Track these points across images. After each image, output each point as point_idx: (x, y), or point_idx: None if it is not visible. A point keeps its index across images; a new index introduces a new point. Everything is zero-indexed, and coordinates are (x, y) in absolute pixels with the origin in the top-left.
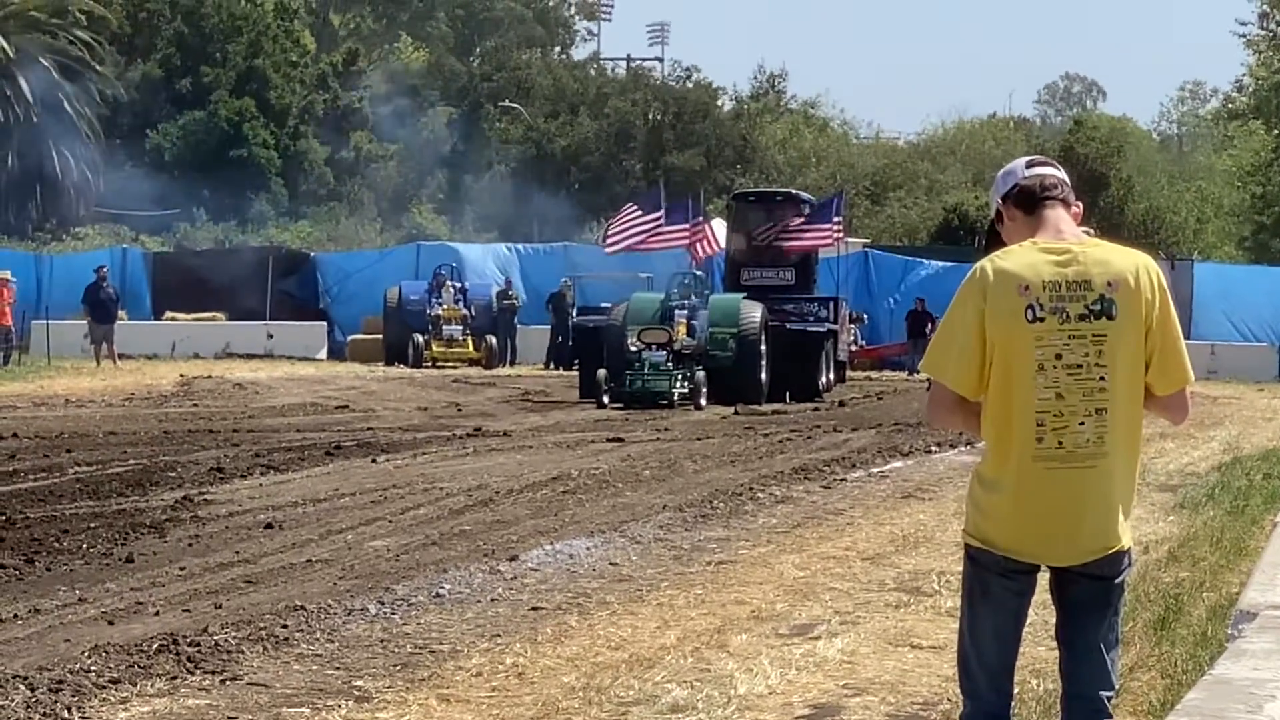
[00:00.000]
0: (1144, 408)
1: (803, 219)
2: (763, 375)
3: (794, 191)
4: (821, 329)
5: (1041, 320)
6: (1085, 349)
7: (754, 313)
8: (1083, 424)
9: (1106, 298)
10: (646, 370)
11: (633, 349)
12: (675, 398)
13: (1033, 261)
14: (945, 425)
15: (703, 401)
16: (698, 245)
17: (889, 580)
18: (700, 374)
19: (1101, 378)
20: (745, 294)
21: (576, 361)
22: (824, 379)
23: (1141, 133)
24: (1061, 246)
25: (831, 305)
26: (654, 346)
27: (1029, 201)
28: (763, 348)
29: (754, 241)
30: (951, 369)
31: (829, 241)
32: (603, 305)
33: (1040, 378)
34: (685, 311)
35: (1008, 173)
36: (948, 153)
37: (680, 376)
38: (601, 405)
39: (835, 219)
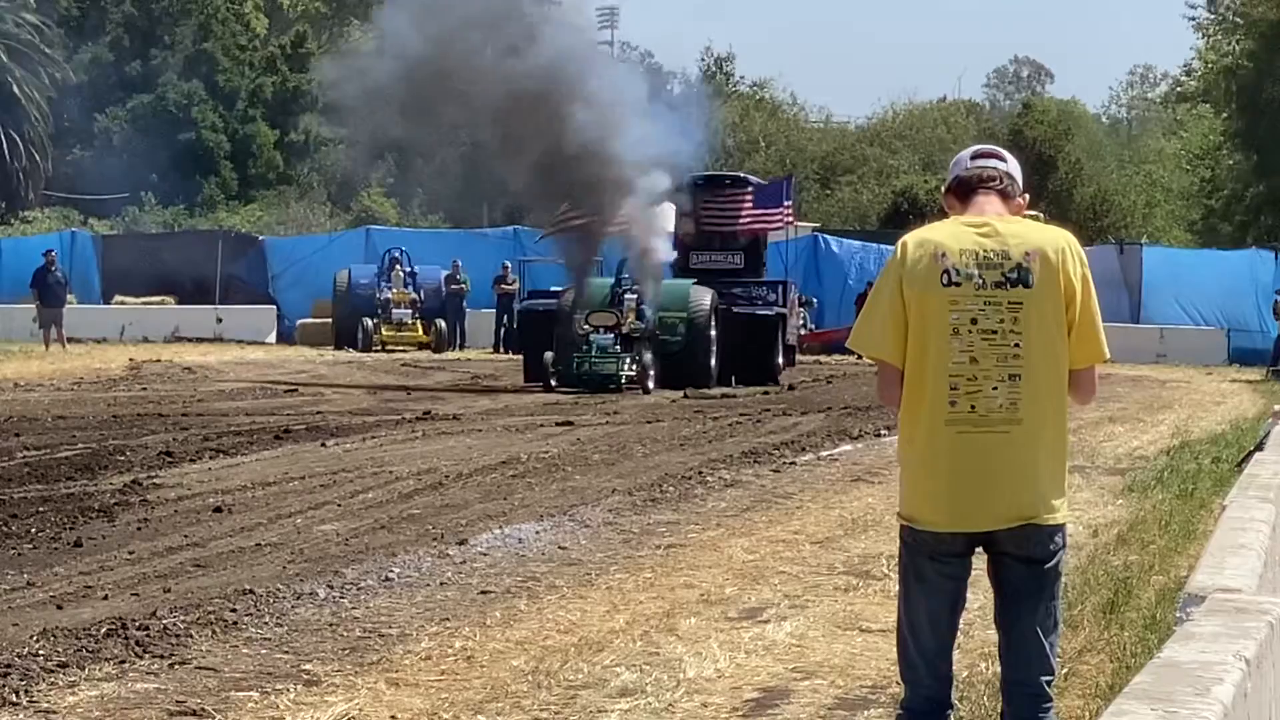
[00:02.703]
0: None
1: (752, 202)
2: (712, 360)
3: (743, 175)
4: (771, 313)
5: (957, 285)
6: (1001, 315)
7: (704, 297)
8: (996, 389)
9: (1024, 266)
10: (594, 353)
11: (580, 332)
12: (623, 381)
13: (952, 231)
14: (894, 402)
15: (651, 385)
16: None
17: (838, 564)
18: (648, 357)
19: (1016, 344)
20: (694, 278)
21: (521, 345)
22: (774, 363)
23: (1089, 115)
24: (982, 220)
25: (780, 289)
26: (602, 329)
27: (964, 190)
28: (712, 332)
29: (703, 225)
30: (877, 338)
31: (779, 225)
32: (552, 289)
33: (955, 341)
34: (634, 296)
35: (955, 163)
36: (897, 136)
37: (628, 360)
38: (549, 388)
39: (785, 203)
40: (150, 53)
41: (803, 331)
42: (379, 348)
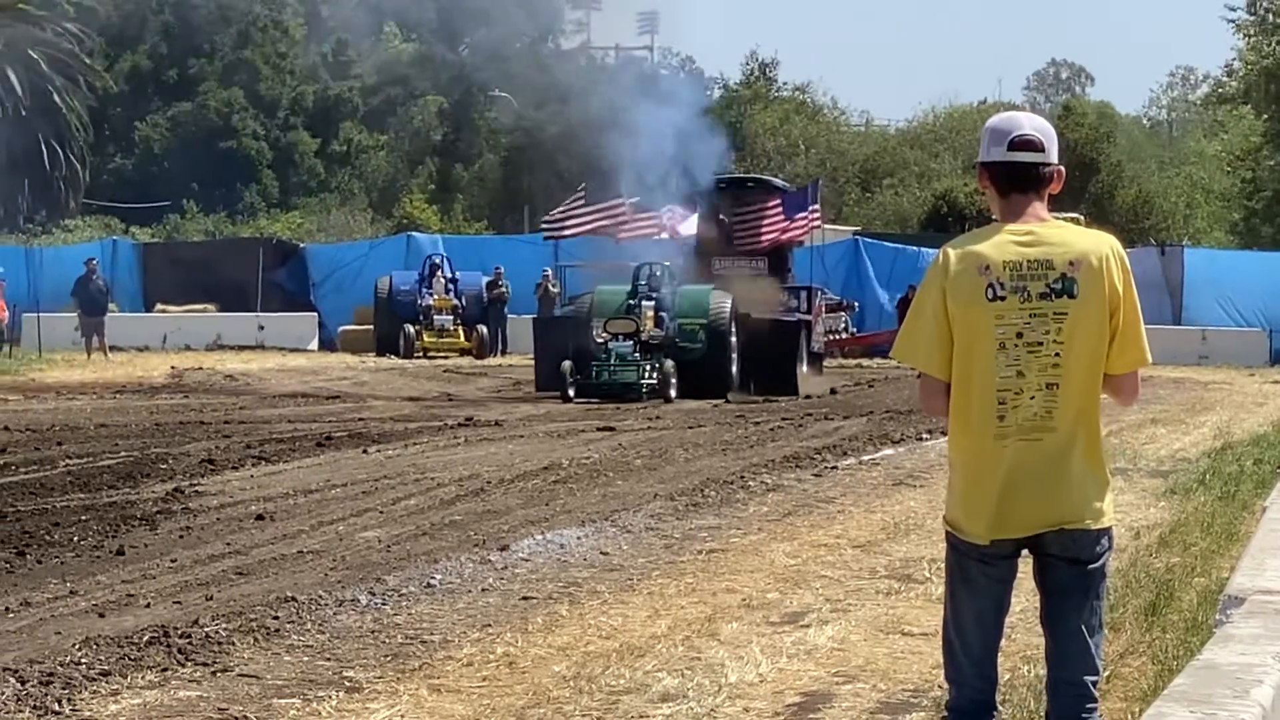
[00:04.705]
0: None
1: (779, 212)
2: (733, 368)
3: (766, 177)
4: (792, 319)
5: (1002, 299)
6: (1046, 326)
7: (724, 303)
8: (1033, 398)
9: (1068, 276)
10: (613, 361)
11: (599, 340)
12: (644, 389)
13: (995, 242)
14: (937, 413)
15: (672, 393)
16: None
17: (880, 567)
18: (669, 364)
19: (1057, 354)
20: (717, 284)
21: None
22: (799, 371)
23: (1128, 120)
24: (1025, 228)
25: (804, 295)
26: (620, 337)
27: (1002, 183)
28: (733, 339)
29: (728, 235)
30: (922, 352)
31: (804, 231)
32: None
33: (1002, 356)
34: (653, 302)
35: (994, 135)
36: (938, 139)
37: (648, 367)
38: (567, 399)
39: (811, 207)
40: (190, 61)
41: (844, 335)
42: (420, 354)
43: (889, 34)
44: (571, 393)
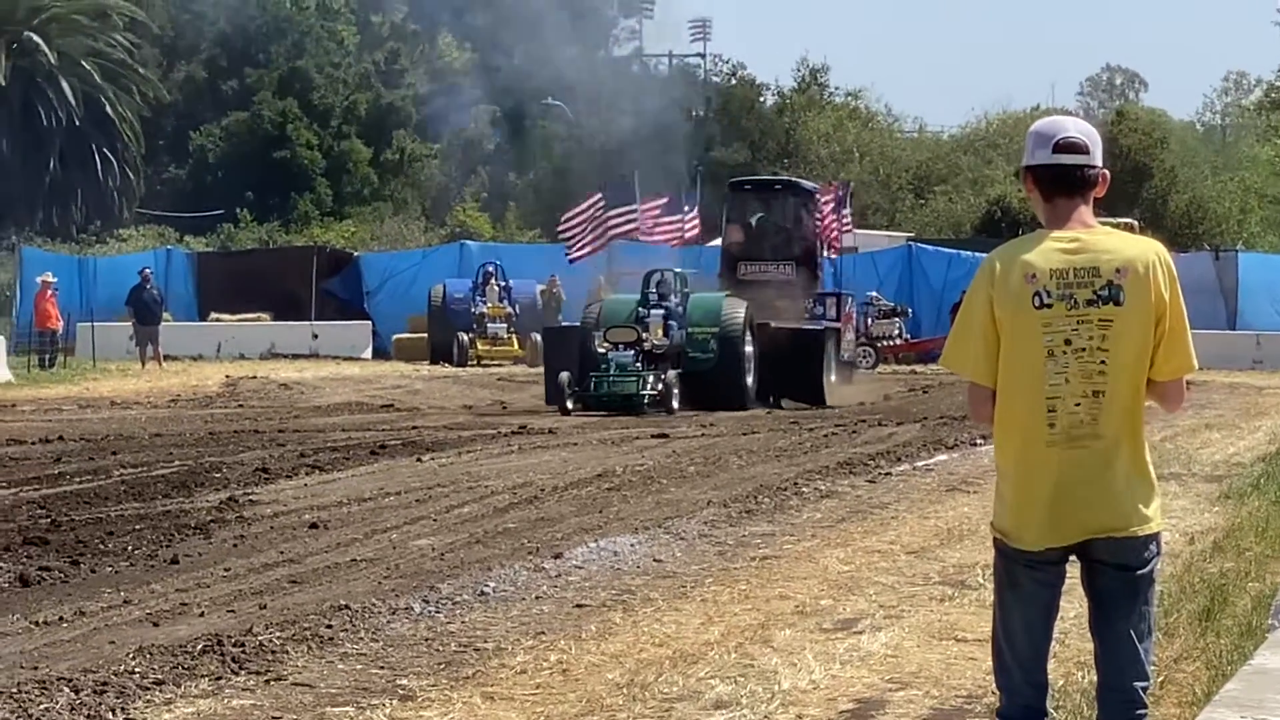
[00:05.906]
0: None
1: (828, 211)
2: (748, 378)
3: (793, 179)
4: (817, 327)
5: (1049, 306)
6: (1091, 333)
7: (737, 311)
8: (1079, 405)
9: (1114, 284)
10: (613, 371)
11: (600, 350)
12: (645, 401)
13: (1041, 249)
14: (985, 419)
15: (675, 405)
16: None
17: (933, 573)
18: (671, 375)
19: (1102, 361)
20: (741, 291)
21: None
22: (828, 380)
23: (1182, 125)
24: (1071, 235)
25: (832, 301)
26: (621, 346)
27: (1047, 187)
28: (748, 349)
29: (751, 233)
30: (970, 360)
31: (835, 236)
32: None
33: (1050, 364)
34: (662, 311)
35: (1038, 139)
36: (991, 145)
37: (651, 378)
38: (566, 411)
39: (843, 212)
40: (244, 71)
41: (898, 341)
42: (474, 362)
43: (941, 40)
44: (570, 405)
